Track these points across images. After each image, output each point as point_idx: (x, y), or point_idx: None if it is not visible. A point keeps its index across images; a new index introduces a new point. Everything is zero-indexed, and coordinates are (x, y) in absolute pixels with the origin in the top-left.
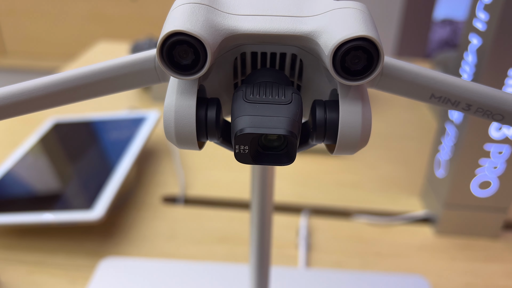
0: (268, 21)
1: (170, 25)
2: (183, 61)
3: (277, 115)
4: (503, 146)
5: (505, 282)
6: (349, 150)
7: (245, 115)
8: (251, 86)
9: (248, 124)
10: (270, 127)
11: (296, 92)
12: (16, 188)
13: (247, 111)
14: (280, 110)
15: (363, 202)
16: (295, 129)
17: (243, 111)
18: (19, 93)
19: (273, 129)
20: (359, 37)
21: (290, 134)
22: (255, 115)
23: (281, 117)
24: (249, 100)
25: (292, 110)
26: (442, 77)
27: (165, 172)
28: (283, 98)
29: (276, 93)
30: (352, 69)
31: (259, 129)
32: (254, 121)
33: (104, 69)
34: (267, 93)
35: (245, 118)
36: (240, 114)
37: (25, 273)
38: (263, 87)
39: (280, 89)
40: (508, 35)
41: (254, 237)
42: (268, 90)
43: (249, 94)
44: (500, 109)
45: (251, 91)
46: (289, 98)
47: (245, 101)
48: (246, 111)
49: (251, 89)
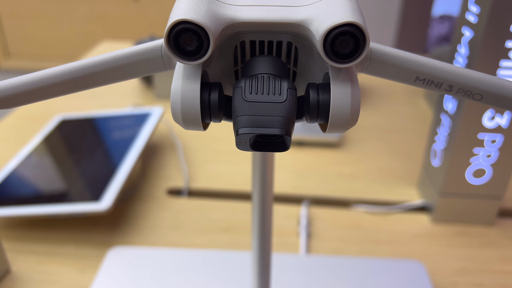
0: (265, 10)
1: (176, 14)
2: (188, 48)
3: (273, 114)
4: (496, 135)
5: (500, 267)
6: (340, 128)
7: (244, 115)
8: (250, 81)
9: (247, 124)
10: (267, 127)
11: (291, 87)
12: (26, 182)
13: (246, 111)
14: (276, 109)
15: (361, 193)
16: (290, 126)
17: (243, 110)
18: (42, 79)
19: (270, 129)
20: (347, 23)
21: (284, 133)
22: (253, 114)
23: (277, 116)
24: (248, 99)
25: (287, 108)
26: (425, 61)
27: (170, 166)
28: (279, 96)
29: (273, 89)
30: (341, 52)
31: (257, 129)
32: (252, 121)
33: (116, 57)
34: (264, 89)
35: (244, 118)
36: (239, 113)
37: (36, 263)
38: (261, 83)
39: (277, 84)
40: (498, 27)
41: (255, 224)
42: (266, 86)
43: (248, 92)
44: (479, 89)
45: (249, 88)
46: (284, 95)
47: (244, 100)
48: (245, 110)
49: (249, 85)
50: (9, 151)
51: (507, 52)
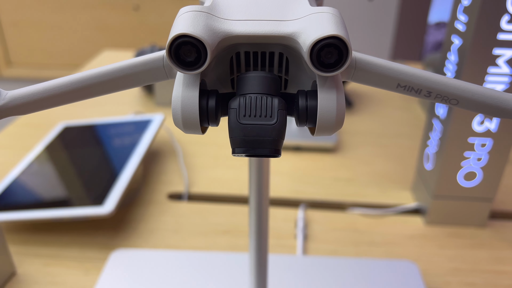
0: (257, 24)
1: (176, 29)
2: (187, 59)
3: (265, 136)
4: (486, 139)
5: (491, 267)
6: (327, 131)
7: (239, 137)
8: (244, 101)
9: (241, 145)
10: (259, 148)
11: (282, 107)
12: (31, 187)
13: (240, 133)
14: (267, 131)
15: (357, 196)
16: (279, 145)
17: (237, 133)
18: (53, 88)
19: (261, 150)
20: (331, 36)
21: (273, 152)
22: (247, 136)
23: (268, 138)
24: (242, 122)
25: (277, 130)
26: (406, 69)
27: (170, 171)
28: (270, 118)
29: (264, 111)
30: (326, 62)
31: (250, 150)
32: (246, 141)
33: (121, 67)
34: (257, 111)
35: (238, 140)
36: (234, 135)
37: (41, 266)
38: (254, 104)
39: (268, 105)
40: (485, 35)
41: (252, 226)
42: (258, 108)
43: (242, 114)
44: (455, 95)
45: (243, 110)
46: (275, 117)
47: (239, 123)
48: (239, 133)
49: (243, 107)
50: (13, 157)
51: (494, 59)
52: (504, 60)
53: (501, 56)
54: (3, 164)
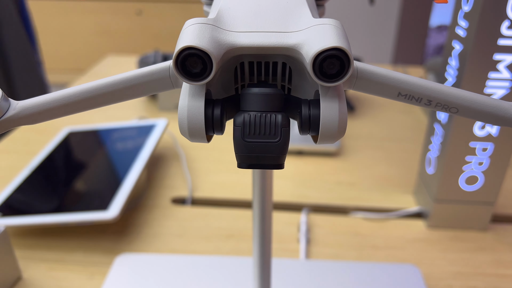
0: (261, 36)
1: (183, 41)
2: (193, 70)
3: (268, 153)
4: (487, 144)
5: (493, 271)
6: (329, 139)
7: (244, 154)
8: (248, 119)
9: (246, 161)
10: (263, 163)
11: (285, 125)
12: (36, 192)
13: (245, 150)
14: (270, 148)
15: (359, 200)
16: (282, 159)
17: (243, 150)
18: (64, 97)
19: (264, 164)
20: (333, 47)
21: (277, 167)
22: (251, 153)
23: (271, 155)
24: (247, 140)
25: (280, 147)
26: (406, 78)
27: (174, 175)
28: (274, 136)
29: (268, 129)
30: (328, 73)
31: (253, 165)
32: (251, 158)
33: (129, 77)
34: (261, 129)
35: (244, 156)
36: (240, 152)
37: (46, 270)
38: (258, 122)
39: (272, 122)
40: (485, 41)
41: (256, 230)
42: (262, 126)
43: (246, 133)
44: (455, 103)
45: (248, 129)
46: (278, 135)
47: (244, 141)
48: (244, 150)
49: (248, 126)
50: (18, 162)
51: (495, 64)
52: (505, 65)
53: (502, 61)
54: (8, 169)
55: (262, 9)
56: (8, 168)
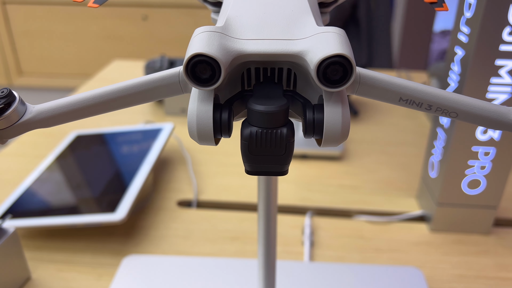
0: (267, 43)
1: (193, 48)
2: (203, 76)
3: (274, 164)
4: (490, 148)
5: (496, 274)
6: (333, 142)
7: (250, 164)
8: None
9: (252, 170)
10: (268, 172)
11: (290, 139)
12: (45, 195)
13: (252, 162)
14: (276, 161)
15: (363, 203)
16: (286, 168)
17: (250, 161)
18: (76, 102)
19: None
20: (336, 54)
21: (281, 174)
22: (258, 164)
23: (276, 165)
24: (253, 153)
25: (285, 159)
26: (407, 84)
27: (179, 179)
28: (279, 149)
29: (274, 143)
30: (332, 79)
31: (259, 173)
32: (257, 169)
33: (139, 83)
34: (267, 143)
35: (251, 166)
36: (247, 162)
37: (55, 271)
38: (264, 138)
39: (277, 137)
40: (487, 47)
41: (261, 233)
42: (268, 141)
43: (253, 147)
44: (454, 108)
45: (254, 143)
46: (283, 149)
47: (250, 155)
48: (251, 161)
49: (254, 141)
50: (27, 165)
51: (496, 70)
52: (506, 70)
53: (504, 67)
54: (17, 172)
55: (268, 17)
56: (17, 171)
